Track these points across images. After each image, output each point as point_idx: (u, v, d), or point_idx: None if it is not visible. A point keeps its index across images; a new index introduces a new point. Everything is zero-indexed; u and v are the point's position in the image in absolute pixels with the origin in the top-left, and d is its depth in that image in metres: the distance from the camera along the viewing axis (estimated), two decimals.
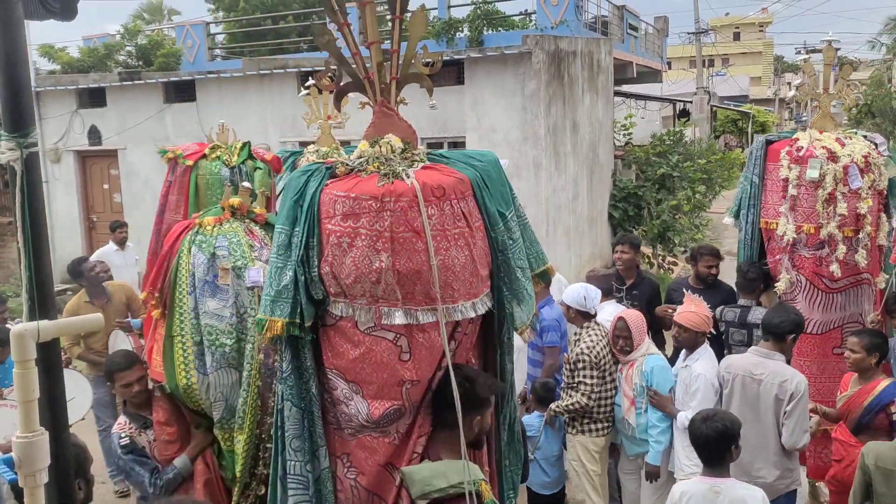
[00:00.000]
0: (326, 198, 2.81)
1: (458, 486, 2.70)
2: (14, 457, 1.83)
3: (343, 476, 2.93)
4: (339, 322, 2.83)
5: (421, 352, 2.81)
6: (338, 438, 2.95)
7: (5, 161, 1.88)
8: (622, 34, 19.56)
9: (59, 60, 18.74)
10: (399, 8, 2.90)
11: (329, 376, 2.89)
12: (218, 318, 3.93)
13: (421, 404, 2.90)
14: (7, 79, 1.92)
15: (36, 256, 1.94)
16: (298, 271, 2.78)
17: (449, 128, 12.47)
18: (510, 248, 2.94)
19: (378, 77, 2.96)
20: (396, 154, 2.90)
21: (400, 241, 2.71)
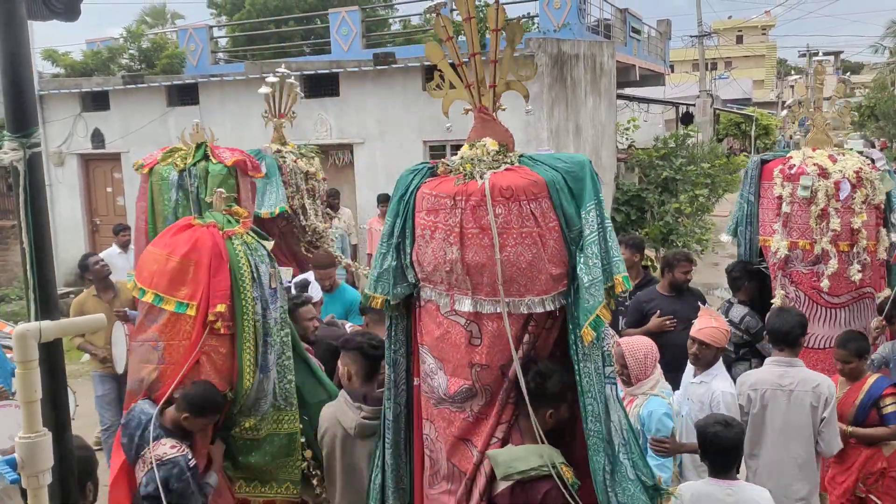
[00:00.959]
0: (420, 194, 3.17)
1: (539, 469, 2.93)
2: (17, 457, 1.82)
3: (434, 439, 3.28)
4: (427, 304, 3.22)
5: (491, 339, 3.03)
6: (429, 405, 3.30)
7: (8, 161, 1.88)
8: (625, 37, 19.58)
9: (62, 64, 18.78)
10: (498, 21, 3.14)
11: (421, 351, 3.27)
12: (274, 320, 4.23)
13: (498, 391, 3.09)
14: (10, 79, 1.92)
15: (39, 257, 1.94)
16: (394, 257, 3.21)
17: (453, 130, 12.43)
18: (582, 247, 3.01)
19: (478, 85, 3.23)
20: (490, 156, 3.12)
21: (468, 235, 2.97)
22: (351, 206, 12.83)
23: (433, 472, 3.29)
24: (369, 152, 13.07)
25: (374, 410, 3.86)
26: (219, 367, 4.11)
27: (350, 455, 3.93)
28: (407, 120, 12.69)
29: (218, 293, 4.05)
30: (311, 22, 21.97)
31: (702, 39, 32.46)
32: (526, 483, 2.95)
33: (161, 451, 3.86)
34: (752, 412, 4.63)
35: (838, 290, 5.42)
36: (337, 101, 13.24)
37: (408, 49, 17.60)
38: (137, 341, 4.23)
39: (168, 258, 4.12)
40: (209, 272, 4.07)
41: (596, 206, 3.03)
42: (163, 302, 4.09)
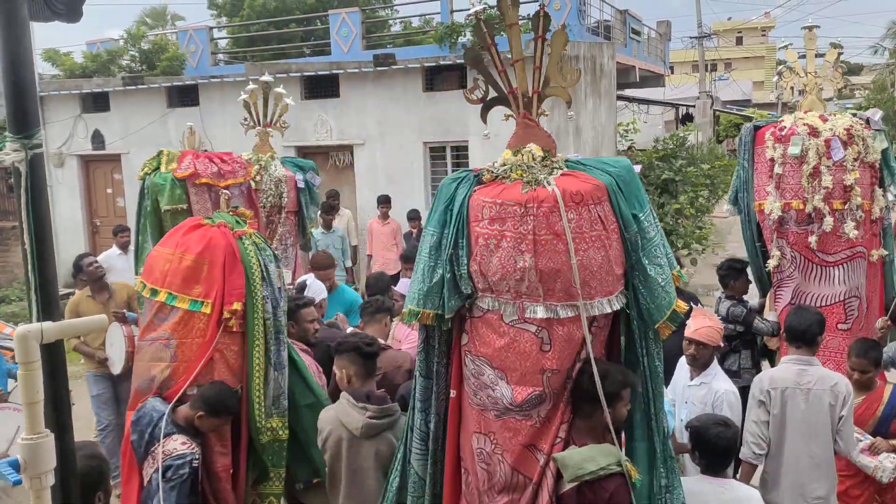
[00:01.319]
0: (475, 203, 3.11)
1: (607, 468, 3.00)
2: (19, 459, 1.82)
3: (490, 452, 3.22)
4: (486, 314, 3.15)
5: (561, 343, 3.07)
6: (484, 418, 3.23)
7: (10, 162, 1.88)
8: (625, 38, 19.58)
9: (62, 66, 18.79)
10: (542, 28, 3.18)
11: (476, 363, 3.20)
12: (281, 315, 4.35)
13: (563, 393, 3.15)
14: (12, 80, 1.92)
15: (40, 257, 1.94)
16: (446, 269, 3.11)
17: (452, 132, 12.48)
18: (645, 248, 3.11)
19: (521, 91, 3.25)
20: (537, 162, 3.15)
21: (542, 242, 2.97)
22: (351, 208, 12.83)
23: (490, 485, 3.24)
24: (369, 153, 13.07)
25: (380, 410, 3.89)
26: (231, 364, 4.17)
27: (356, 457, 3.92)
28: (407, 121, 12.69)
29: (233, 291, 4.11)
30: (311, 23, 21.97)
31: (701, 41, 32.47)
32: (593, 482, 3.01)
33: (172, 446, 3.88)
34: (772, 412, 4.60)
35: (832, 248, 5.44)
36: (337, 103, 13.24)
37: (408, 50, 17.61)
38: (146, 340, 4.25)
39: (182, 257, 4.15)
40: (223, 271, 4.13)
41: (650, 208, 3.18)
42: (176, 300, 4.11)
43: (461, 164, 12.64)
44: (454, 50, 16.49)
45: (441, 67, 12.70)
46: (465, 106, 12.26)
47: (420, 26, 22.36)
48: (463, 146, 12.52)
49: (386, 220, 11.56)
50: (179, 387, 4.08)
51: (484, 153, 12.16)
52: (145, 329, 4.29)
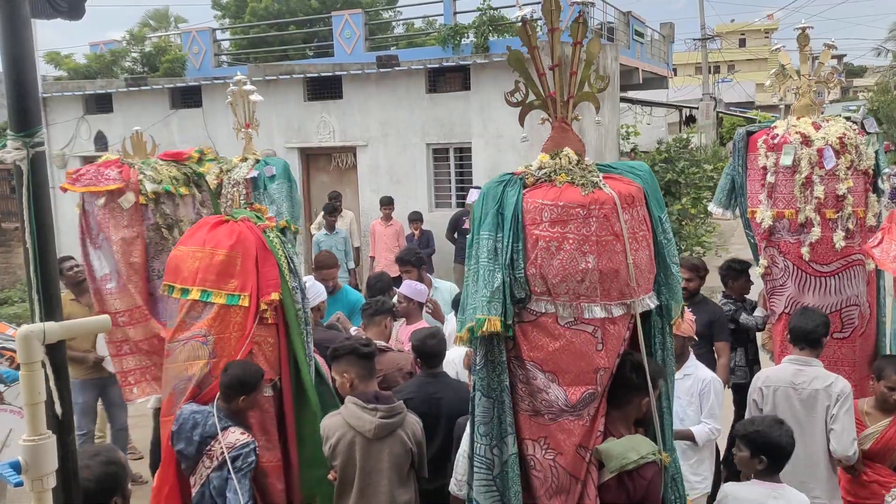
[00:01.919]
0: (530, 205, 3.11)
1: (645, 457, 3.11)
2: (21, 460, 1.80)
3: (542, 458, 3.19)
4: (540, 318, 3.13)
5: (612, 342, 3.15)
6: (535, 424, 3.20)
7: (11, 160, 1.86)
8: (628, 40, 19.56)
9: (65, 67, 18.81)
10: (579, 34, 3.23)
11: (527, 367, 3.17)
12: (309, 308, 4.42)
13: (605, 389, 3.23)
14: (14, 78, 1.90)
15: (42, 257, 1.92)
16: (505, 273, 3.07)
17: (455, 133, 12.47)
18: (665, 247, 3.24)
19: (559, 96, 3.30)
20: (574, 165, 3.20)
21: (603, 243, 3.04)
22: (353, 209, 12.82)
23: (543, 492, 3.21)
24: (372, 155, 13.07)
25: (390, 409, 3.90)
26: (268, 356, 4.18)
27: (369, 458, 3.90)
28: (410, 122, 12.69)
29: (270, 283, 4.12)
30: (314, 25, 21.99)
31: (704, 43, 32.44)
32: (632, 471, 3.09)
33: (232, 438, 3.85)
34: (764, 409, 4.62)
35: (825, 259, 5.35)
36: (340, 104, 13.24)
37: (410, 52, 17.61)
38: (178, 341, 4.19)
39: (213, 253, 4.13)
40: (256, 263, 4.13)
41: (666, 212, 3.33)
42: (212, 296, 4.09)
43: (464, 166, 12.64)
44: (457, 52, 16.49)
45: (444, 69, 12.70)
46: (467, 107, 12.33)
47: (422, 27, 22.38)
48: (466, 148, 12.51)
49: (389, 221, 11.55)
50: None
51: (487, 155, 12.17)
52: (176, 330, 4.22)
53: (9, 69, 1.86)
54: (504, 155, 12.09)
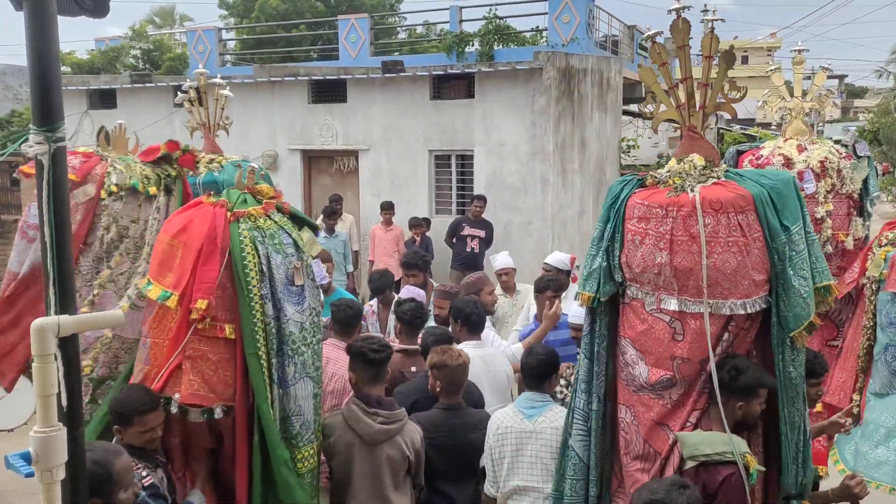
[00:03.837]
0: (631, 203, 3.47)
1: (723, 455, 3.22)
2: (31, 451, 1.82)
3: (629, 423, 3.57)
4: (632, 302, 3.52)
5: (693, 335, 3.34)
6: (626, 391, 3.59)
7: (34, 154, 1.88)
8: (632, 53, 19.64)
9: (68, 62, 18.84)
10: (711, 49, 3.46)
11: (623, 342, 3.57)
12: (296, 324, 3.59)
13: (696, 381, 3.40)
14: (38, 74, 1.93)
15: (59, 250, 1.94)
16: (603, 259, 3.49)
17: (458, 140, 12.50)
18: (792, 259, 3.32)
19: (689, 107, 3.54)
20: (696, 170, 3.41)
21: (678, 242, 3.29)
22: (354, 213, 12.84)
23: (626, 451, 3.59)
24: (374, 159, 13.10)
25: (391, 415, 3.91)
26: (207, 377, 3.46)
27: (365, 462, 3.91)
28: (413, 128, 12.72)
29: (202, 285, 3.38)
30: (319, 27, 22.04)
31: None
32: (710, 466, 3.23)
33: None
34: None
35: None
36: (343, 108, 13.27)
37: (415, 58, 17.66)
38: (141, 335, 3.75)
39: (161, 238, 3.62)
40: (197, 258, 3.43)
41: (803, 223, 3.38)
42: (150, 288, 3.51)
43: (466, 173, 12.66)
44: (462, 59, 16.54)
45: (449, 76, 12.74)
46: (470, 115, 12.36)
47: (423, 33, 22.43)
48: (468, 155, 12.54)
49: (389, 226, 11.57)
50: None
51: (488, 163, 12.21)
52: (143, 321, 3.77)
53: (34, 65, 1.89)
54: (506, 163, 12.13)
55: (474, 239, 11.16)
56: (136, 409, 3.32)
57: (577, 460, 3.68)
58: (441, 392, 4.28)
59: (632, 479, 3.54)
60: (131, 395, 3.38)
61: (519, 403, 4.22)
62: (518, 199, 12.06)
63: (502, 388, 5.04)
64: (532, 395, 4.21)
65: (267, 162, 13.59)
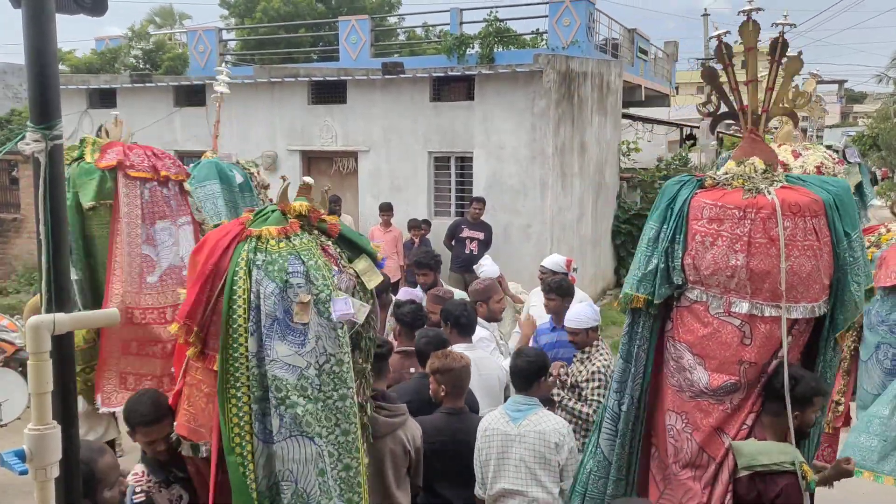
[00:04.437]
0: (696, 203, 3.42)
1: (780, 465, 3.21)
2: (26, 449, 1.82)
3: (680, 430, 3.52)
4: (693, 305, 3.46)
5: (762, 339, 3.33)
6: (678, 398, 3.54)
7: (30, 152, 1.88)
8: (632, 57, 19.66)
9: (68, 63, 18.84)
10: (779, 53, 3.45)
11: (677, 347, 3.51)
12: (289, 368, 2.98)
13: (755, 383, 3.39)
14: (36, 72, 1.93)
15: (55, 248, 1.94)
16: (661, 260, 3.44)
17: (457, 143, 12.50)
18: (850, 265, 3.36)
19: (751, 109, 3.53)
20: (758, 174, 3.41)
21: (756, 245, 3.26)
22: (353, 214, 12.84)
23: (675, 459, 3.55)
24: (374, 160, 13.10)
25: (395, 408, 3.95)
26: (198, 409, 3.16)
27: (369, 456, 3.78)
28: (412, 130, 12.72)
29: (183, 308, 3.10)
30: (320, 29, 22.04)
31: (708, 62, 32.57)
32: (765, 475, 3.22)
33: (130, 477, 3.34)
34: None
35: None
36: (343, 109, 13.27)
37: (415, 60, 17.67)
38: None
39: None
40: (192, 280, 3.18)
41: (859, 230, 3.46)
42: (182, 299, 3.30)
43: (465, 175, 12.67)
44: (462, 61, 16.55)
45: (449, 78, 12.74)
46: (470, 117, 12.36)
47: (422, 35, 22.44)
48: (467, 157, 12.54)
49: (388, 227, 11.57)
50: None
51: (488, 165, 12.21)
52: None
53: (31, 62, 1.89)
54: (505, 166, 12.13)
55: (473, 241, 11.17)
56: (138, 420, 3.32)
57: (601, 458, 3.72)
58: (446, 396, 4.28)
59: (683, 487, 3.51)
60: (137, 406, 3.35)
61: (507, 406, 4.23)
62: (517, 202, 12.07)
63: (494, 391, 5.02)
64: (520, 397, 4.20)
65: (266, 162, 13.59)
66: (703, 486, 3.41)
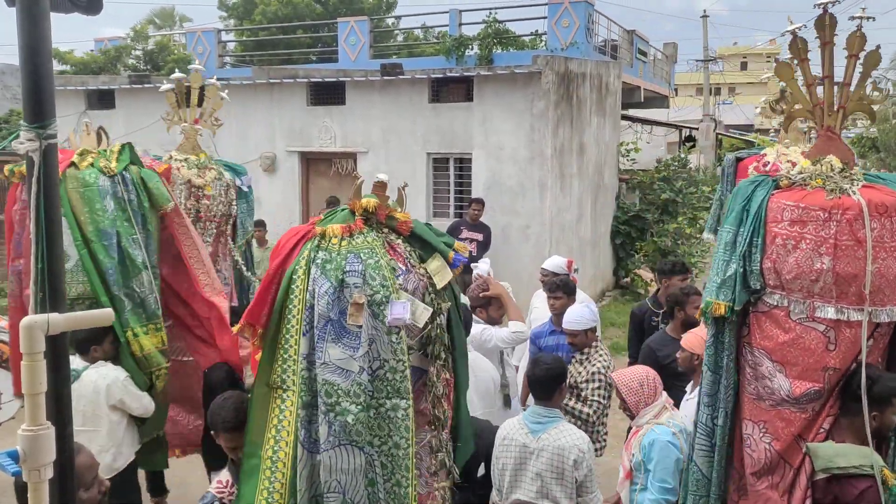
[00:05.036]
0: (775, 205, 3.31)
1: (859, 468, 3.13)
2: (19, 450, 1.80)
3: (758, 439, 3.42)
4: (773, 310, 3.35)
5: (846, 345, 3.25)
6: (756, 407, 3.44)
7: (24, 151, 1.87)
8: (631, 58, 19.66)
9: (67, 62, 18.82)
10: (856, 47, 3.35)
11: (755, 354, 3.41)
12: (342, 373, 2.88)
13: (834, 388, 3.33)
14: (30, 71, 1.92)
15: (49, 249, 1.93)
16: (739, 265, 3.32)
17: (456, 144, 12.49)
18: None
19: (827, 105, 3.44)
20: (836, 172, 3.33)
21: (842, 247, 3.16)
22: None
23: (753, 470, 3.46)
24: (373, 162, 13.09)
25: None
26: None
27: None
28: (411, 131, 12.71)
29: (250, 307, 3.12)
30: (319, 30, 22.04)
31: (707, 64, 32.60)
32: (843, 478, 3.15)
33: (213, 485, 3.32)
34: None
35: None
36: (342, 110, 13.27)
37: (414, 61, 17.67)
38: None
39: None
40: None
41: None
42: None
43: (464, 176, 12.66)
44: (461, 62, 16.55)
45: (448, 79, 12.73)
46: (469, 118, 12.36)
47: (421, 37, 22.44)
48: (466, 158, 12.53)
49: None
50: None
51: (487, 166, 12.20)
52: None
53: (25, 61, 1.88)
54: (504, 167, 12.12)
55: (472, 242, 11.16)
56: (221, 425, 3.34)
57: (699, 476, 3.59)
58: None
59: (762, 498, 3.43)
60: (221, 409, 3.37)
61: (526, 416, 4.10)
62: (516, 203, 12.06)
63: (489, 393, 4.96)
64: (540, 408, 4.06)
65: (265, 163, 13.58)
66: (781, 493, 3.35)
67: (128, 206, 4.81)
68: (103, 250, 4.65)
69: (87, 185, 4.72)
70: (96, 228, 4.67)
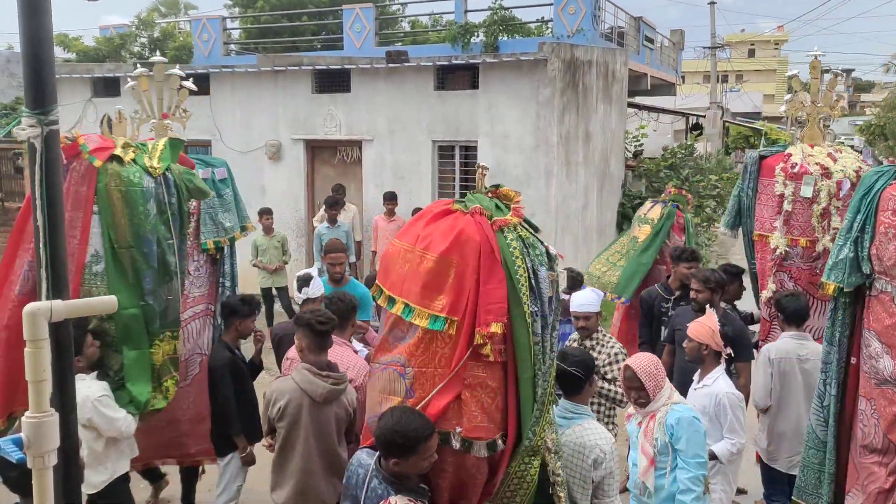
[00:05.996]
0: (886, 195, 3.50)
1: None
2: (23, 437, 1.81)
3: (869, 415, 3.66)
4: (880, 294, 3.55)
5: None
6: (868, 384, 3.68)
7: (26, 137, 1.86)
8: (638, 45, 19.56)
9: (73, 49, 18.82)
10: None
11: (867, 335, 3.65)
12: (552, 343, 3.25)
13: None
14: (31, 57, 1.91)
15: (51, 235, 1.93)
16: (850, 249, 3.54)
17: (461, 131, 12.45)
18: None
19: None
20: None
21: None
22: (357, 203, 12.82)
23: (864, 444, 3.68)
24: (378, 150, 13.07)
25: (339, 376, 4.27)
26: (486, 406, 3.17)
27: (317, 421, 4.22)
28: (417, 119, 12.68)
29: (492, 307, 3.09)
30: (324, 17, 21.97)
31: (714, 51, 32.41)
32: None
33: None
34: (774, 377, 5.14)
35: None
36: (347, 98, 13.23)
37: (420, 48, 17.60)
38: (379, 363, 3.39)
39: (423, 256, 3.21)
40: (477, 277, 3.13)
41: None
42: (413, 314, 3.20)
43: (469, 164, 12.63)
44: (466, 49, 16.48)
45: (453, 67, 12.68)
46: (475, 106, 12.32)
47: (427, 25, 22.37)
48: (472, 146, 12.50)
49: (392, 217, 11.55)
50: None
51: (493, 154, 12.17)
52: (380, 348, 3.44)
53: (27, 48, 1.87)
54: (509, 155, 12.09)
55: None
56: (419, 436, 3.04)
57: (815, 440, 3.93)
58: None
59: (867, 471, 3.61)
60: (412, 423, 3.06)
61: (556, 411, 3.89)
62: (522, 191, 11.95)
63: None
64: (569, 403, 3.94)
65: (270, 151, 13.57)
66: (888, 472, 3.49)
67: (167, 210, 4.58)
68: (142, 257, 4.44)
69: (131, 184, 4.42)
70: (136, 233, 4.42)
